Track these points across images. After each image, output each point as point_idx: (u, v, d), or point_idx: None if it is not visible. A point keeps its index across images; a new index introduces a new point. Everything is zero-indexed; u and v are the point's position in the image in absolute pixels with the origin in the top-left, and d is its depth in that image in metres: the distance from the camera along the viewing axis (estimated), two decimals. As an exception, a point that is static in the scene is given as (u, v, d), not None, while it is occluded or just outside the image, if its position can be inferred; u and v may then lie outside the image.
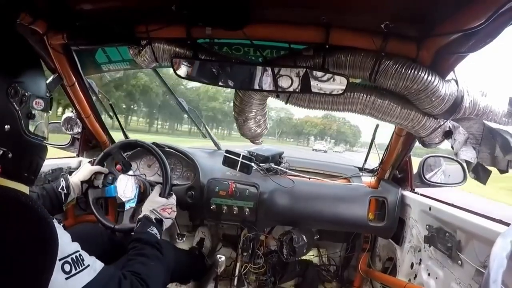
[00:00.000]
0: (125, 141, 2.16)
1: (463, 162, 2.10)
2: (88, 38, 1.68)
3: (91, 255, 1.04)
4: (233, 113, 1.83)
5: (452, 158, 2.35)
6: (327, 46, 1.49)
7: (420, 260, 1.90)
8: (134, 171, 2.10)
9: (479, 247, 1.40)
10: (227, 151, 2.27)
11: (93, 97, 2.31)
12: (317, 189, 2.31)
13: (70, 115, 2.43)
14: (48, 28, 1.67)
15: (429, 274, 1.78)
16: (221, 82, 1.60)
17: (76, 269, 0.91)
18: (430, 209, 1.85)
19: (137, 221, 1.69)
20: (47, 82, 1.07)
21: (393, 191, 2.27)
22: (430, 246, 1.77)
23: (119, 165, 2.08)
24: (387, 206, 2.22)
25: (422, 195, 2.16)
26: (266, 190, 2.21)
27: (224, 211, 2.20)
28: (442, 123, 1.60)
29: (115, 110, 2.61)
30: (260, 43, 1.71)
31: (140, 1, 1.47)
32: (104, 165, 2.05)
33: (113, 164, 2.10)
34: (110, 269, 1.10)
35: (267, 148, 2.53)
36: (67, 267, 0.89)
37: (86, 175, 1.90)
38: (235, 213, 2.18)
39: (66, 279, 0.87)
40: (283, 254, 2.31)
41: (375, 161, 2.40)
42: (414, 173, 2.34)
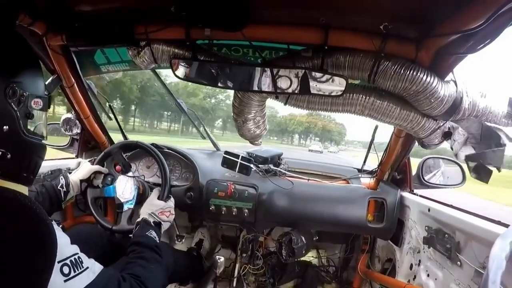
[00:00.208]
0: (126, 141, 2.16)
1: (462, 163, 2.10)
2: (87, 39, 1.68)
3: (90, 256, 1.04)
4: (232, 114, 1.83)
5: (451, 160, 2.35)
6: (326, 47, 1.49)
7: (419, 261, 1.90)
8: (133, 172, 2.09)
9: (478, 248, 1.40)
10: (226, 152, 2.27)
11: (92, 98, 2.31)
12: (316, 190, 2.31)
13: (69, 116, 2.43)
14: (47, 29, 1.67)
15: (428, 275, 1.78)
16: (220, 83, 1.60)
17: (75, 271, 0.91)
18: (429, 210, 1.85)
19: (135, 224, 1.68)
20: (46, 83, 1.07)
21: (392, 192, 2.27)
22: (429, 247, 1.77)
23: (118, 165, 2.07)
24: (386, 207, 2.22)
25: (421, 196, 2.16)
26: (265, 191, 2.21)
27: (223, 212, 2.19)
28: (442, 124, 1.60)
29: (114, 111, 2.61)
30: (259, 44, 1.71)
31: (139, 2, 1.47)
32: (104, 165, 2.04)
33: (113, 164, 2.10)
34: (109, 271, 1.10)
35: (266, 149, 2.53)
36: (65, 269, 0.88)
37: (85, 174, 1.89)
38: (234, 214, 2.18)
39: (65, 281, 0.87)
40: (282, 255, 2.30)
41: (374, 163, 2.40)
42: (413, 174, 2.34)
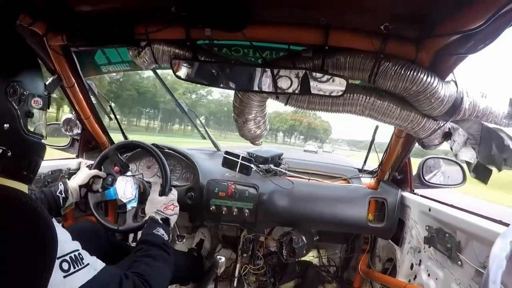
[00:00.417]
0: (122, 142, 2.15)
1: (462, 163, 2.10)
2: (88, 39, 1.68)
3: (90, 253, 1.04)
4: (233, 114, 1.83)
5: (451, 160, 2.35)
6: (327, 48, 1.49)
7: (420, 260, 1.90)
8: (133, 172, 2.09)
9: (478, 248, 1.40)
10: (227, 152, 2.27)
11: (93, 98, 2.31)
12: (317, 190, 2.31)
13: (69, 116, 2.43)
14: (47, 29, 1.67)
15: (429, 275, 1.78)
16: (220, 84, 1.60)
17: (74, 267, 0.91)
18: (429, 210, 1.85)
19: (143, 223, 1.69)
20: (47, 83, 1.07)
21: (392, 192, 2.27)
22: (430, 247, 1.77)
23: (117, 166, 2.07)
24: (386, 207, 2.22)
25: (421, 196, 2.16)
26: (266, 191, 2.21)
27: (223, 212, 2.19)
28: (442, 124, 1.60)
29: (114, 111, 2.61)
30: (259, 44, 1.71)
31: (140, 3, 1.47)
32: (101, 168, 2.03)
33: (112, 166, 2.10)
34: (111, 269, 1.09)
35: (266, 149, 2.53)
36: (65, 265, 0.88)
37: (84, 179, 1.88)
38: (234, 214, 2.18)
39: (64, 277, 0.87)
40: (282, 255, 2.31)
41: (374, 163, 2.40)
42: (414, 174, 2.35)
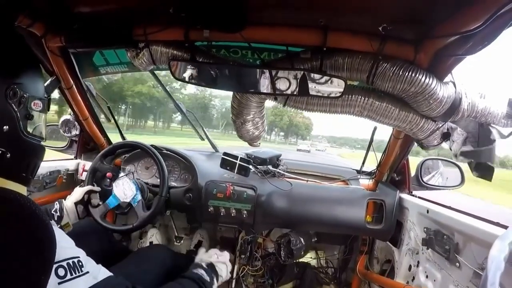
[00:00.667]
0: (104, 151, 2.16)
1: (460, 164, 2.10)
2: (86, 41, 1.68)
3: (89, 253, 1.03)
4: (231, 115, 1.83)
5: (450, 161, 2.35)
6: (325, 49, 1.49)
7: (418, 262, 1.89)
8: (126, 173, 2.10)
9: (477, 250, 1.40)
10: (225, 154, 2.27)
11: (91, 99, 2.30)
12: (315, 191, 2.31)
13: (68, 117, 2.43)
14: (46, 30, 1.67)
15: (427, 277, 1.78)
16: (219, 85, 1.60)
17: (72, 274, 0.90)
18: (428, 211, 1.85)
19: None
20: (45, 84, 1.07)
21: (391, 193, 2.27)
22: (428, 249, 1.77)
23: (108, 173, 2.09)
24: (385, 208, 2.22)
25: (420, 197, 2.16)
26: (264, 192, 2.20)
27: (221, 214, 2.19)
28: (440, 125, 1.60)
29: (112, 112, 2.61)
30: (258, 45, 1.71)
31: (138, 4, 1.47)
32: (94, 184, 2.07)
33: (105, 175, 2.11)
34: (116, 279, 1.08)
35: (264, 150, 2.53)
36: (61, 271, 0.87)
37: (78, 197, 1.88)
38: (232, 215, 2.18)
39: (59, 283, 0.86)
40: (281, 256, 2.30)
41: (373, 164, 2.40)
42: (412, 175, 2.35)
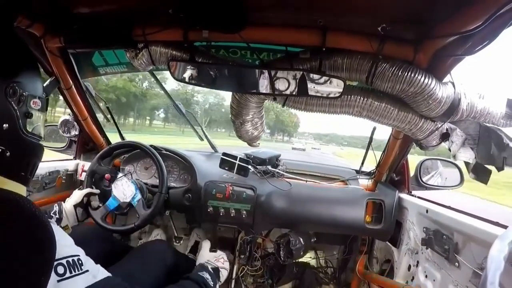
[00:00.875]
0: (101, 153, 2.16)
1: (460, 164, 2.11)
2: (85, 41, 1.68)
3: (91, 257, 1.03)
4: (230, 116, 1.83)
5: (449, 161, 2.36)
6: (324, 49, 1.49)
7: (418, 262, 1.90)
8: (124, 173, 2.10)
9: (476, 249, 1.40)
10: (224, 154, 2.27)
11: (90, 100, 2.30)
12: (314, 191, 2.31)
13: (67, 117, 2.43)
14: (45, 31, 1.67)
15: (426, 276, 1.78)
16: (218, 85, 1.59)
17: (71, 272, 0.89)
18: (427, 211, 1.85)
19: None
20: (44, 85, 1.07)
21: (390, 193, 2.27)
22: (427, 249, 1.78)
23: (106, 174, 2.09)
24: (384, 208, 2.22)
25: (419, 197, 2.17)
26: (263, 192, 2.20)
27: (221, 214, 2.19)
28: (440, 125, 1.60)
29: (111, 112, 2.61)
30: (257, 46, 1.72)
31: (137, 4, 1.47)
32: (92, 186, 2.07)
33: (104, 177, 2.11)
34: (115, 279, 1.08)
35: (264, 150, 2.53)
36: (60, 269, 0.87)
37: (77, 199, 1.88)
38: (232, 215, 2.18)
39: (58, 281, 0.86)
40: (280, 256, 2.30)
41: (372, 164, 2.40)
42: (411, 175, 2.35)
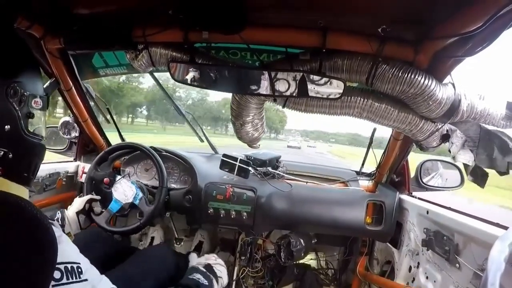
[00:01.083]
0: (97, 159, 2.16)
1: (460, 165, 2.10)
2: (85, 43, 1.68)
3: (93, 259, 1.02)
4: (230, 117, 1.83)
5: (450, 162, 2.35)
6: (324, 50, 1.49)
7: (418, 263, 1.89)
8: (122, 175, 2.10)
9: (477, 250, 1.40)
10: (225, 155, 2.27)
11: (90, 101, 2.30)
12: (315, 193, 2.30)
13: (67, 119, 2.43)
14: (45, 32, 1.67)
15: (427, 278, 1.78)
16: (218, 87, 1.59)
17: (67, 279, 0.88)
18: (427, 212, 1.85)
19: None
20: (44, 86, 1.07)
21: (390, 195, 2.27)
22: (428, 250, 1.77)
23: (105, 179, 2.09)
24: (384, 210, 2.21)
25: (419, 198, 2.16)
26: (264, 194, 2.20)
27: (221, 215, 2.19)
28: (440, 126, 1.60)
29: (112, 114, 2.61)
30: (257, 47, 1.72)
31: (137, 6, 1.47)
32: (93, 193, 2.05)
33: (103, 181, 2.11)
34: None
35: (264, 152, 2.53)
36: (57, 274, 0.85)
37: (79, 206, 1.87)
38: (232, 217, 2.17)
39: (53, 286, 0.84)
40: (281, 258, 2.30)
41: (372, 165, 2.40)
42: (412, 177, 2.35)
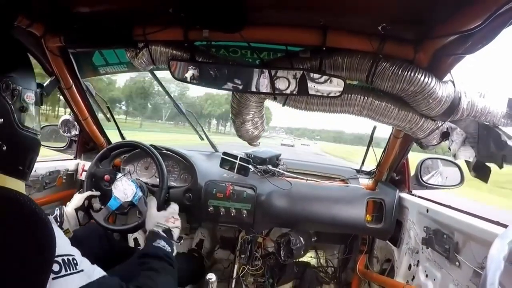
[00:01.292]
0: (99, 155, 2.15)
1: (460, 164, 2.10)
2: (86, 41, 1.68)
3: (90, 257, 1.03)
4: (231, 115, 1.83)
5: (450, 160, 2.35)
6: (324, 48, 1.49)
7: (418, 261, 1.90)
8: (123, 173, 2.09)
9: (476, 249, 1.40)
10: (225, 153, 2.28)
11: (90, 99, 2.30)
12: (315, 191, 2.31)
13: (67, 117, 2.43)
14: (45, 30, 1.67)
15: (426, 276, 1.78)
16: (218, 85, 1.60)
17: (66, 270, 0.89)
18: (427, 211, 1.85)
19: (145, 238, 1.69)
20: (44, 84, 1.07)
21: (390, 193, 2.27)
22: (427, 248, 1.78)
23: (106, 176, 2.08)
24: (384, 208, 2.22)
25: (419, 197, 2.16)
26: (264, 192, 2.20)
27: (221, 213, 2.19)
28: (440, 124, 1.61)
29: (112, 112, 2.61)
30: (257, 45, 1.72)
31: (137, 4, 1.47)
32: (92, 189, 2.04)
33: (103, 178, 2.11)
34: (111, 279, 1.07)
35: (264, 150, 2.53)
36: (56, 266, 0.87)
37: (78, 203, 1.87)
38: (232, 215, 2.18)
39: (53, 279, 0.85)
40: (280, 256, 2.30)
41: (372, 164, 2.40)
42: (412, 175, 2.35)
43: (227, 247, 2.84)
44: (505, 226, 1.31)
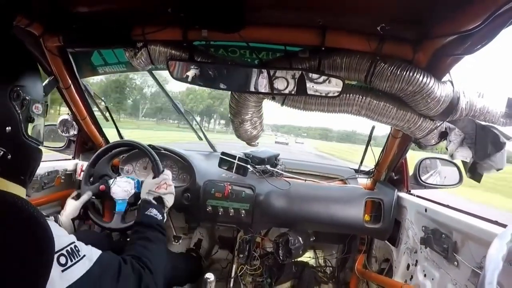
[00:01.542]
0: (92, 160, 2.14)
1: (459, 163, 2.11)
2: (84, 41, 1.68)
3: None
4: (229, 115, 1.83)
5: (448, 160, 2.36)
6: (323, 48, 1.49)
7: (416, 261, 1.90)
8: (113, 178, 2.08)
9: (475, 248, 1.40)
10: (223, 153, 2.28)
11: (89, 99, 2.30)
12: (313, 191, 2.31)
13: (66, 117, 2.42)
14: (44, 30, 1.66)
15: (425, 275, 1.78)
16: (217, 85, 1.60)
17: (72, 260, 0.91)
18: (426, 210, 1.85)
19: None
20: (43, 84, 1.07)
21: (389, 192, 2.28)
22: (426, 248, 1.78)
23: (101, 186, 2.04)
24: (383, 207, 2.22)
25: (418, 196, 2.17)
26: (262, 192, 2.21)
27: (220, 213, 2.19)
28: (439, 124, 1.61)
29: (110, 112, 2.61)
30: (256, 45, 1.72)
31: (136, 4, 1.47)
32: (89, 192, 2.01)
33: (99, 178, 2.11)
34: (108, 255, 1.09)
35: (263, 150, 2.53)
36: (62, 259, 0.88)
37: (74, 213, 1.87)
38: (231, 215, 2.18)
39: (62, 271, 0.87)
40: (279, 255, 2.30)
41: (371, 163, 2.40)
42: (410, 174, 2.35)
43: (226, 247, 2.84)
44: (504, 226, 1.32)
